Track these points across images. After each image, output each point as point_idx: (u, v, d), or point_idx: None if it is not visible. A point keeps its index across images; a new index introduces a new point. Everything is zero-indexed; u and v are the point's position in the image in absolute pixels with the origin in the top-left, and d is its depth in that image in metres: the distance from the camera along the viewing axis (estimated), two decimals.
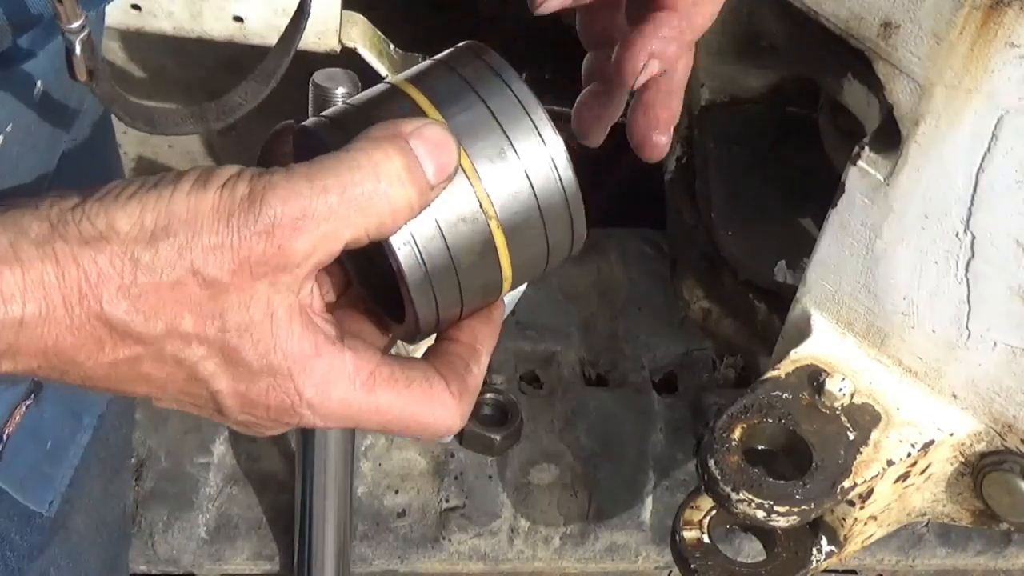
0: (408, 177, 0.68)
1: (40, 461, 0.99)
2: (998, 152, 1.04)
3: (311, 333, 0.69)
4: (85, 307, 0.65)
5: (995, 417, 1.16)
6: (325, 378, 0.70)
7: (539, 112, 0.73)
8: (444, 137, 0.69)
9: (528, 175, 0.72)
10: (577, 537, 1.66)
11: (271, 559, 1.66)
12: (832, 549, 1.23)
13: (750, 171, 1.58)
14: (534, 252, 0.75)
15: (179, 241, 0.65)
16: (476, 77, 0.73)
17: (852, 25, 1.10)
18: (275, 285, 0.67)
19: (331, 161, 0.67)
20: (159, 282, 0.65)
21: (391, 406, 0.72)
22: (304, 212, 0.66)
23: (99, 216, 0.65)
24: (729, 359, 1.80)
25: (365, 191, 0.67)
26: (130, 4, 1.52)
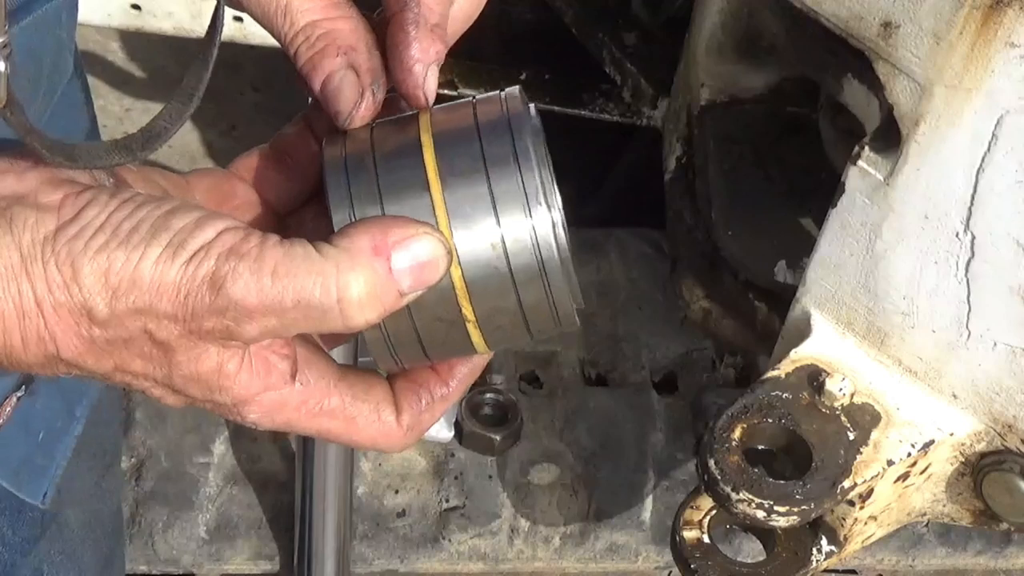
0: (369, 303, 0.68)
1: (33, 453, 0.99)
2: (998, 152, 1.04)
3: (262, 375, 0.71)
4: (41, 348, 0.68)
5: (995, 417, 1.16)
6: (271, 408, 0.72)
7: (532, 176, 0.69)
8: (434, 254, 0.68)
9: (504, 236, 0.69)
10: (577, 537, 1.67)
11: (271, 559, 1.66)
12: (832, 549, 1.23)
13: (750, 171, 1.58)
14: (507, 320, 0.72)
15: (137, 305, 0.67)
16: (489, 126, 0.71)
17: (852, 25, 1.10)
18: (225, 346, 0.69)
19: (302, 261, 0.67)
20: (113, 337, 0.68)
21: (331, 431, 0.75)
22: (257, 308, 0.67)
23: (66, 264, 0.67)
24: (729, 359, 1.80)
25: (320, 307, 0.67)
26: (130, 4, 1.52)
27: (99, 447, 1.13)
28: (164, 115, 0.74)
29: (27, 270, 0.66)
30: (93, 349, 0.68)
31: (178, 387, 0.71)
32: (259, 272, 0.66)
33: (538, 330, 0.73)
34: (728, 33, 1.52)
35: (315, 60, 0.74)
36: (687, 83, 1.64)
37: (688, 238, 1.63)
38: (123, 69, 1.99)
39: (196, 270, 0.66)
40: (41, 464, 1.01)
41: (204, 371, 0.70)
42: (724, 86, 1.58)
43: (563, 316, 0.72)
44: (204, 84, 0.74)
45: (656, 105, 1.81)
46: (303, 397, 0.73)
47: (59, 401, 1.01)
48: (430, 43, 0.74)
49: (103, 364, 0.69)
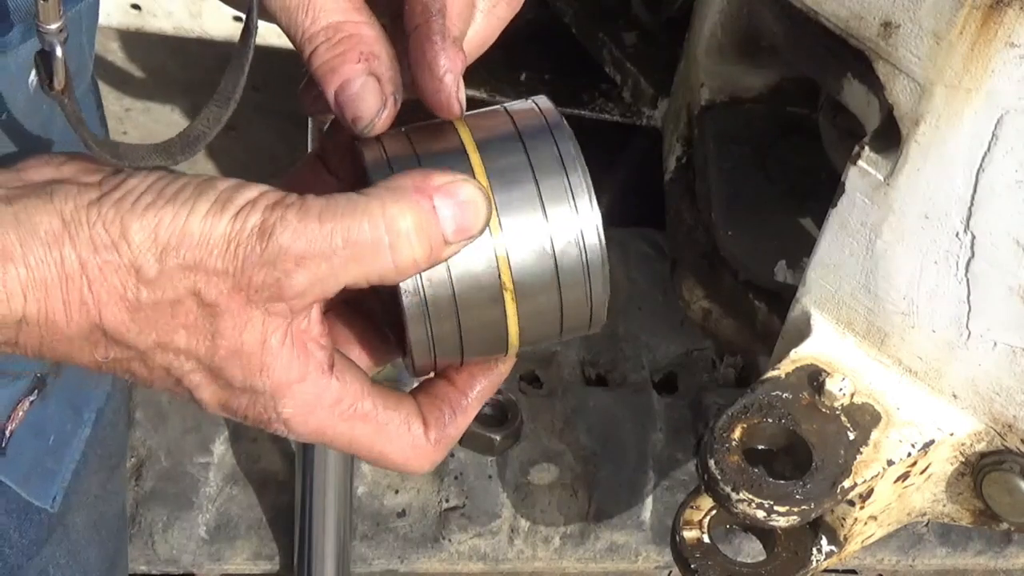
0: (417, 237, 0.68)
1: (43, 456, 0.99)
2: (998, 152, 1.04)
3: (301, 360, 0.70)
4: (84, 314, 0.66)
5: (995, 417, 1.16)
6: (306, 403, 0.71)
7: (579, 178, 0.71)
8: (475, 198, 0.69)
9: (552, 237, 0.70)
10: (577, 537, 1.67)
11: (271, 559, 1.66)
12: (832, 549, 1.23)
13: (750, 171, 1.58)
14: (546, 310, 0.73)
15: (187, 261, 0.66)
16: (528, 130, 0.72)
17: (852, 25, 1.10)
18: (270, 312, 0.68)
19: (346, 203, 0.67)
20: (160, 299, 0.67)
21: (363, 438, 0.74)
22: (307, 251, 0.66)
23: (114, 224, 0.66)
24: (729, 359, 1.80)
25: (371, 242, 0.67)
26: (130, 4, 1.53)
27: (105, 450, 1.13)
28: (202, 119, 0.74)
29: (70, 234, 0.66)
30: (138, 316, 0.67)
31: (218, 366, 0.69)
32: (306, 218, 0.66)
33: (569, 329, 0.74)
34: (728, 33, 1.52)
35: (335, 63, 0.73)
36: (687, 83, 1.64)
37: (688, 238, 1.63)
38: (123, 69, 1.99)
39: (245, 222, 0.66)
40: (51, 468, 1.01)
41: (248, 343, 0.68)
42: (724, 86, 1.58)
43: (595, 318, 0.74)
44: (241, 87, 0.75)
45: (656, 105, 1.81)
46: (338, 395, 0.72)
47: (68, 405, 1.01)
48: (456, 53, 0.73)
49: (145, 337, 0.68)
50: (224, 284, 0.67)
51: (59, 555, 1.06)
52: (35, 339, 0.67)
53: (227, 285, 0.67)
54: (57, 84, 0.71)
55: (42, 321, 0.66)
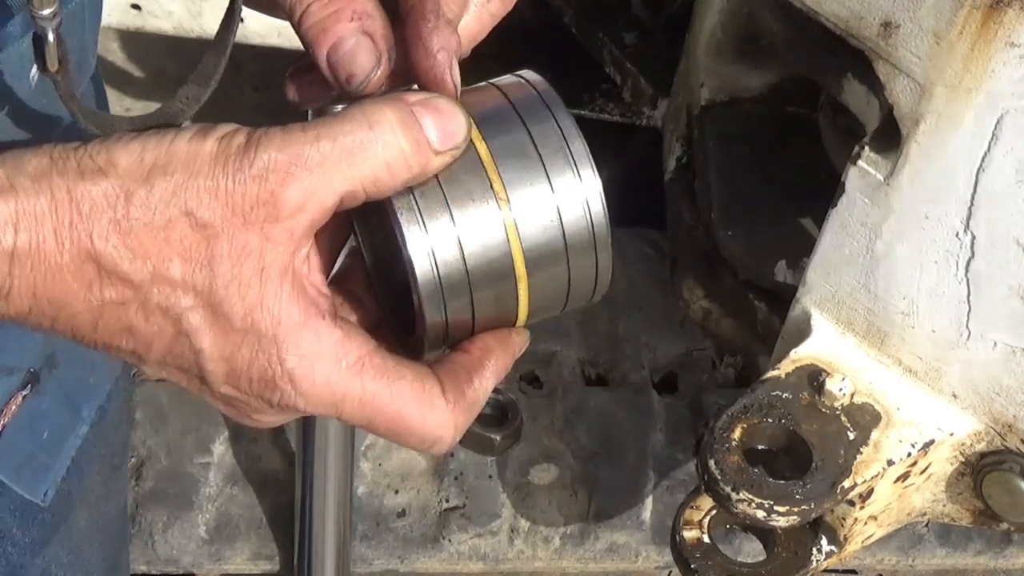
0: (401, 128, 0.67)
1: (36, 451, 0.99)
2: (998, 152, 1.04)
3: (301, 300, 0.68)
4: (75, 240, 0.65)
5: (995, 417, 1.16)
6: (310, 351, 0.69)
7: (579, 145, 0.72)
8: (451, 107, 0.69)
9: (558, 204, 0.71)
10: (577, 537, 1.67)
11: (271, 559, 1.66)
12: (832, 549, 1.23)
13: (750, 171, 1.58)
14: (555, 277, 0.73)
15: (175, 181, 0.65)
16: (524, 103, 0.73)
17: (852, 25, 1.10)
18: (268, 237, 0.67)
19: (327, 117, 0.68)
20: (151, 220, 0.65)
21: (377, 396, 0.70)
22: (296, 158, 0.66)
23: (100, 153, 0.66)
24: (729, 359, 1.80)
25: (356, 138, 0.67)
26: (130, 4, 1.53)
27: (108, 448, 1.13)
28: (181, 96, 0.74)
29: (57, 168, 0.65)
30: (130, 240, 0.65)
31: (218, 298, 0.67)
32: (289, 131, 0.67)
33: (575, 298, 0.74)
34: (728, 33, 1.52)
35: (327, 22, 0.72)
36: (687, 83, 1.64)
37: (688, 238, 1.63)
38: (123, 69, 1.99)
39: (230, 141, 0.66)
40: (44, 463, 1.01)
41: (246, 272, 0.66)
42: (724, 86, 1.58)
43: (600, 286, 0.75)
44: (222, 68, 0.75)
45: (656, 105, 1.81)
46: (344, 345, 0.69)
47: (66, 401, 1.01)
48: (450, 33, 0.73)
49: (140, 266, 0.66)
50: (216, 202, 0.65)
51: (61, 554, 1.06)
52: (28, 279, 0.65)
53: (220, 203, 0.65)
54: (50, 66, 0.71)
55: (34, 253, 0.65)
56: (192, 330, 0.68)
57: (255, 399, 0.71)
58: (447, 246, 0.70)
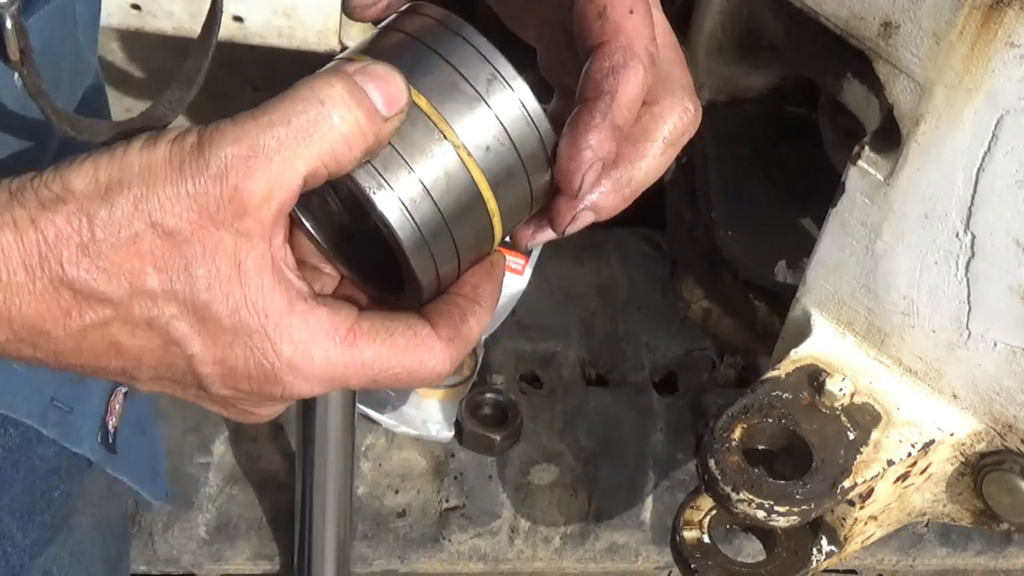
0: (352, 100, 0.67)
1: (147, 449, 0.98)
2: (998, 152, 1.04)
3: (283, 288, 0.68)
4: (46, 270, 0.64)
5: (995, 417, 1.16)
6: (303, 336, 0.68)
7: (500, 60, 0.73)
8: (388, 71, 0.69)
9: (501, 121, 0.73)
10: (577, 537, 1.67)
11: (271, 559, 1.66)
12: (832, 549, 1.23)
13: (750, 171, 1.58)
14: (518, 194, 0.75)
15: (134, 194, 0.64)
16: (433, 38, 0.73)
17: (852, 25, 1.10)
18: (240, 233, 0.66)
19: (275, 99, 0.66)
20: (118, 237, 0.64)
21: (376, 359, 0.70)
22: (253, 149, 0.65)
23: (55, 180, 0.65)
24: (729, 359, 1.80)
25: (310, 117, 0.66)
26: (130, 4, 1.52)
27: None
28: (164, 101, 0.73)
29: (18, 200, 0.64)
30: (100, 262, 0.64)
31: (202, 302, 0.66)
32: (239, 121, 0.65)
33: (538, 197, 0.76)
34: (728, 33, 1.52)
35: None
36: None
37: (688, 238, 1.63)
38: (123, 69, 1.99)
39: (182, 142, 0.65)
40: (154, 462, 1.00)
41: (223, 269, 0.66)
42: (724, 86, 1.58)
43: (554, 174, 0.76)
44: (204, 71, 0.74)
45: None
46: (332, 321, 0.69)
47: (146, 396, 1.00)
48: (608, 136, 0.73)
49: (116, 283, 0.65)
50: (180, 206, 0.64)
51: (63, 555, 1.05)
52: (2, 311, 0.64)
53: (184, 208, 0.64)
54: (12, 55, 0.70)
55: (5, 286, 0.64)
56: (181, 337, 0.67)
57: (255, 396, 0.70)
58: (418, 199, 0.71)
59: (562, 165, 0.73)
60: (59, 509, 1.02)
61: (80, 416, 0.93)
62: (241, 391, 0.70)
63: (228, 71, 2.02)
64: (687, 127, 0.79)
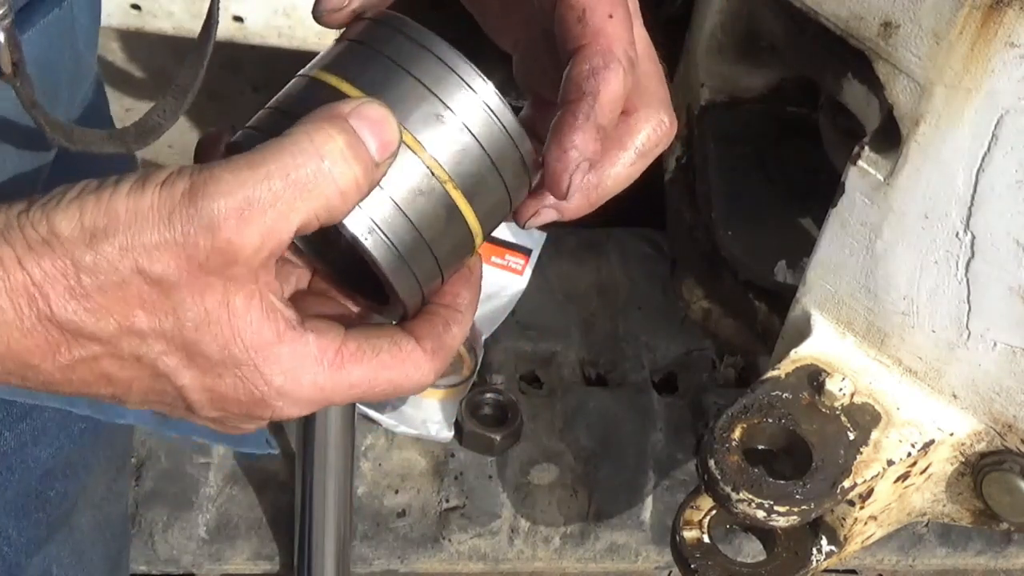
0: (352, 154, 0.67)
1: None
2: (998, 152, 1.04)
3: (271, 320, 0.68)
4: (34, 309, 0.64)
5: (995, 417, 1.16)
6: (291, 365, 0.68)
7: (462, 65, 0.73)
8: (383, 114, 0.68)
9: (469, 128, 0.72)
10: (577, 537, 1.67)
11: (271, 559, 1.66)
12: (832, 549, 1.23)
13: (750, 171, 1.58)
14: (496, 199, 0.75)
15: (119, 241, 0.64)
16: (394, 49, 0.73)
17: (852, 25, 1.10)
18: (229, 279, 0.65)
19: (272, 147, 0.66)
20: (104, 282, 0.64)
21: (362, 378, 0.71)
22: (248, 202, 0.64)
23: (41, 222, 0.64)
24: (729, 359, 1.80)
25: (309, 172, 0.65)
26: (130, 4, 1.53)
27: (113, 450, 1.13)
28: (158, 110, 0.73)
29: (5, 239, 0.64)
30: (88, 304, 0.64)
31: (191, 340, 0.66)
32: (236, 169, 0.64)
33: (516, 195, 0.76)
34: (728, 33, 1.52)
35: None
36: (687, 83, 1.64)
37: (688, 238, 1.63)
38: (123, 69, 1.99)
39: (172, 188, 0.64)
40: None
41: (212, 310, 0.65)
42: (724, 86, 1.58)
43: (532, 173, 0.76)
44: (199, 80, 0.74)
45: None
46: (320, 347, 0.69)
47: None
48: (592, 136, 0.73)
49: (104, 323, 0.65)
50: (168, 256, 0.64)
51: (63, 554, 1.06)
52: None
53: (171, 256, 0.64)
54: (4, 68, 0.69)
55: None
56: (170, 371, 0.67)
57: (244, 417, 0.71)
58: (390, 218, 0.70)
59: (549, 167, 0.73)
60: (56, 508, 1.02)
61: None
62: (230, 413, 0.70)
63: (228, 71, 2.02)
64: (661, 139, 0.79)
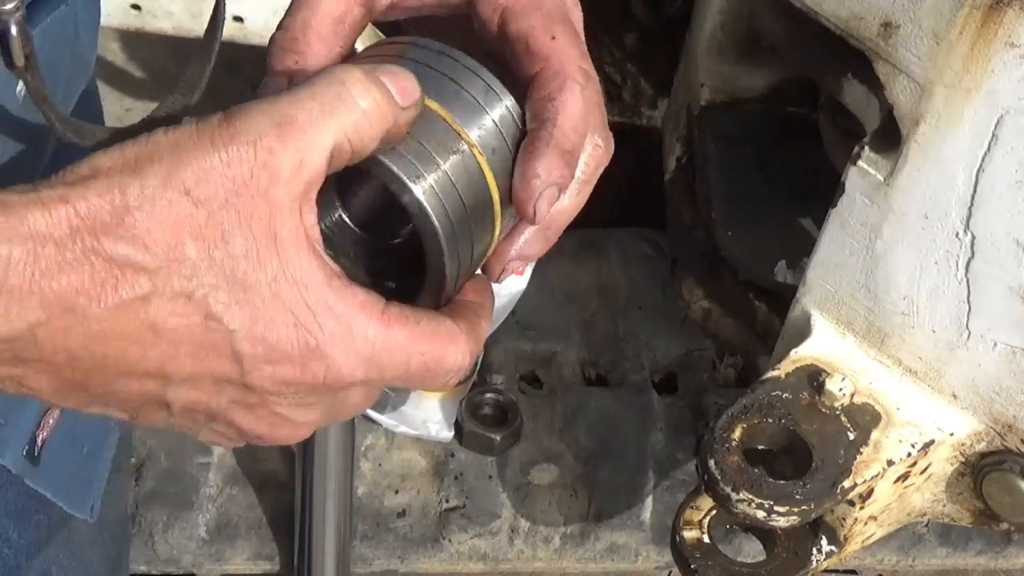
0: (371, 82, 0.68)
1: (80, 465, 0.97)
2: (998, 152, 1.04)
3: (319, 261, 0.67)
4: (78, 242, 0.62)
5: (995, 417, 1.16)
6: (342, 311, 0.68)
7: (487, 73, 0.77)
8: (398, 68, 0.71)
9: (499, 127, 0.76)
10: (577, 537, 1.67)
11: (271, 559, 1.66)
12: (832, 549, 1.23)
13: (750, 171, 1.58)
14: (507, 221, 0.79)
15: (166, 165, 0.64)
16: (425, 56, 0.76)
17: (852, 25, 1.10)
18: (272, 203, 0.65)
19: (298, 84, 0.68)
20: (152, 207, 0.63)
21: (407, 342, 0.70)
22: (285, 119, 0.66)
23: (81, 164, 0.65)
24: (729, 359, 1.80)
25: (334, 93, 0.67)
26: (130, 4, 1.53)
27: None
28: (166, 106, 0.74)
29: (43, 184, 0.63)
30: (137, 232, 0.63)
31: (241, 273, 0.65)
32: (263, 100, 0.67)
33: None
34: (728, 33, 1.52)
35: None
36: (687, 83, 1.64)
37: (688, 238, 1.63)
38: (123, 69, 1.99)
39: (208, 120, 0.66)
40: (86, 477, 0.99)
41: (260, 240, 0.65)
42: (724, 86, 1.58)
43: None
44: (206, 77, 0.74)
45: (656, 105, 1.81)
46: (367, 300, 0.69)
47: None
48: (556, 162, 0.75)
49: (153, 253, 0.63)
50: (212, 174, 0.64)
51: (62, 556, 1.05)
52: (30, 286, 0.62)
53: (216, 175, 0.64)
54: (17, 61, 0.70)
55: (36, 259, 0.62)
56: (221, 312, 0.65)
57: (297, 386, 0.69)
58: (448, 192, 0.73)
59: (516, 196, 0.75)
60: (56, 510, 1.02)
61: (12, 429, 0.92)
62: (283, 379, 0.68)
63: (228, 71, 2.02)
64: (599, 161, 0.81)
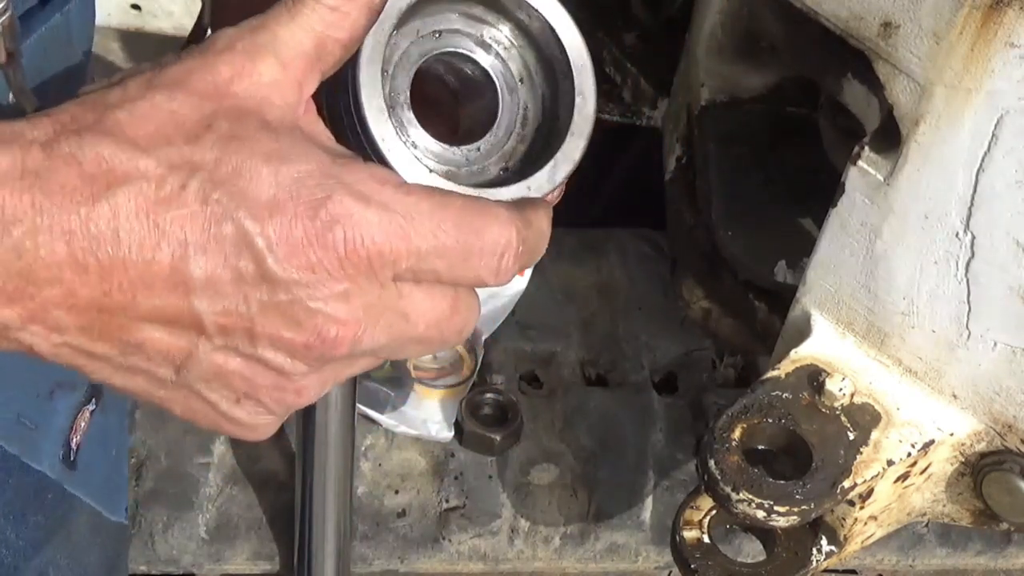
0: None
1: (110, 468, 0.97)
2: (998, 152, 1.04)
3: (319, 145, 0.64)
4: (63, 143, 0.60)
5: (995, 417, 1.16)
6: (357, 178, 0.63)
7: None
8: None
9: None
10: (577, 537, 1.67)
11: (271, 559, 1.66)
12: (832, 549, 1.23)
13: (750, 171, 1.58)
14: None
15: (145, 76, 0.63)
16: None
17: (852, 25, 1.10)
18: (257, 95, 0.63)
19: None
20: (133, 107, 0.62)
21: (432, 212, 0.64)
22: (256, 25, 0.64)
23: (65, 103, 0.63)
24: (729, 359, 1.80)
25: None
26: (130, 4, 1.53)
27: None
28: None
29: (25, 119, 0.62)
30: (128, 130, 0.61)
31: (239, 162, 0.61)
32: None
33: None
34: (728, 33, 1.52)
35: None
36: (687, 83, 1.64)
37: (688, 238, 1.63)
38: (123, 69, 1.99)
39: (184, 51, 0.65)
40: (117, 481, 0.99)
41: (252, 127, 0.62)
42: (724, 86, 1.58)
43: None
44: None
45: (656, 105, 1.81)
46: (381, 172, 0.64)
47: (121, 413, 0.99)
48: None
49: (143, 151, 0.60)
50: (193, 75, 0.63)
51: (59, 557, 1.05)
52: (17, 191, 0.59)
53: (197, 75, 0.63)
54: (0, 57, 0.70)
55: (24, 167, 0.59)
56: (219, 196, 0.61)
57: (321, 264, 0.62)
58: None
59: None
60: (54, 511, 1.02)
61: (44, 433, 0.92)
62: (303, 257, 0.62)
63: None
64: None
